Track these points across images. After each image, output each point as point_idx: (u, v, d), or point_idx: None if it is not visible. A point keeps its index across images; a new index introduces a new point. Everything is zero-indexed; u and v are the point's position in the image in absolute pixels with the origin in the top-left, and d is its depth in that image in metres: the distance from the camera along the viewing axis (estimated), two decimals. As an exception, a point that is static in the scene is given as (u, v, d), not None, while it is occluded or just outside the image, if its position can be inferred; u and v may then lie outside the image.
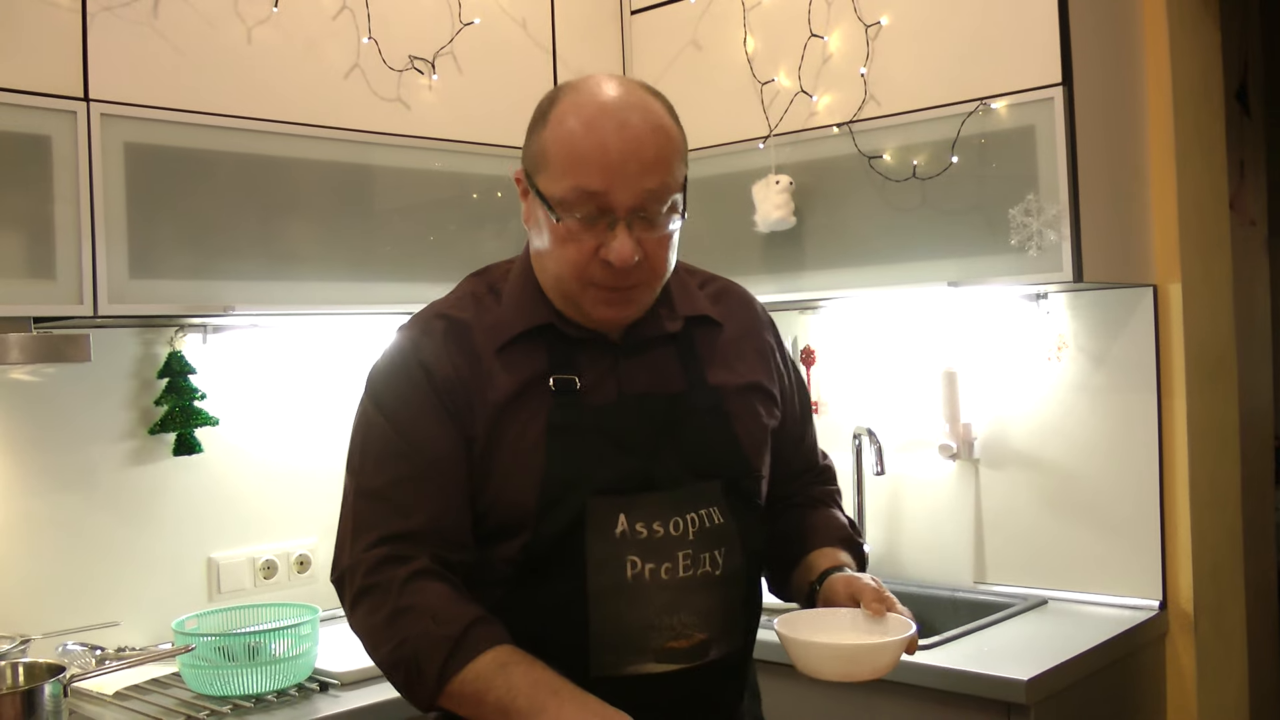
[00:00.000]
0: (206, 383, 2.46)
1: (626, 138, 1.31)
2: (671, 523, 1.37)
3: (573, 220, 1.32)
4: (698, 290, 1.53)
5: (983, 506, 2.73)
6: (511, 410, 1.37)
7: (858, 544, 1.55)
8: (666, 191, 1.34)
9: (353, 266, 2.37)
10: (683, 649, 1.36)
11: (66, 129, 2.00)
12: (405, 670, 1.29)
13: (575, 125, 1.32)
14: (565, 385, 1.38)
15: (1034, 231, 2.27)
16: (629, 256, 1.31)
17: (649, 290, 1.40)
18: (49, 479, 2.29)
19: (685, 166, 1.41)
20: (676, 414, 1.41)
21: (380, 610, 1.31)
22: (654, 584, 1.35)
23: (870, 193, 2.50)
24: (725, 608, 1.40)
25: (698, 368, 1.46)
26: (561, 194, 1.32)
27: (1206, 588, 2.52)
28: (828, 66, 2.56)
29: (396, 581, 1.30)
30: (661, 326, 1.45)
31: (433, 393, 1.37)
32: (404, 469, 1.36)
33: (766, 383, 1.52)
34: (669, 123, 1.37)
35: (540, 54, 2.72)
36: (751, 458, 1.45)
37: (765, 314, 1.60)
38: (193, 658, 2.05)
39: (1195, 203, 2.58)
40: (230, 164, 2.21)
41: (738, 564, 1.42)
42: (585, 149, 1.31)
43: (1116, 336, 2.54)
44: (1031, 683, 2.04)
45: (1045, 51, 2.26)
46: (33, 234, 1.97)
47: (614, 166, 1.30)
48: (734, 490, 1.43)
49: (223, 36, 2.21)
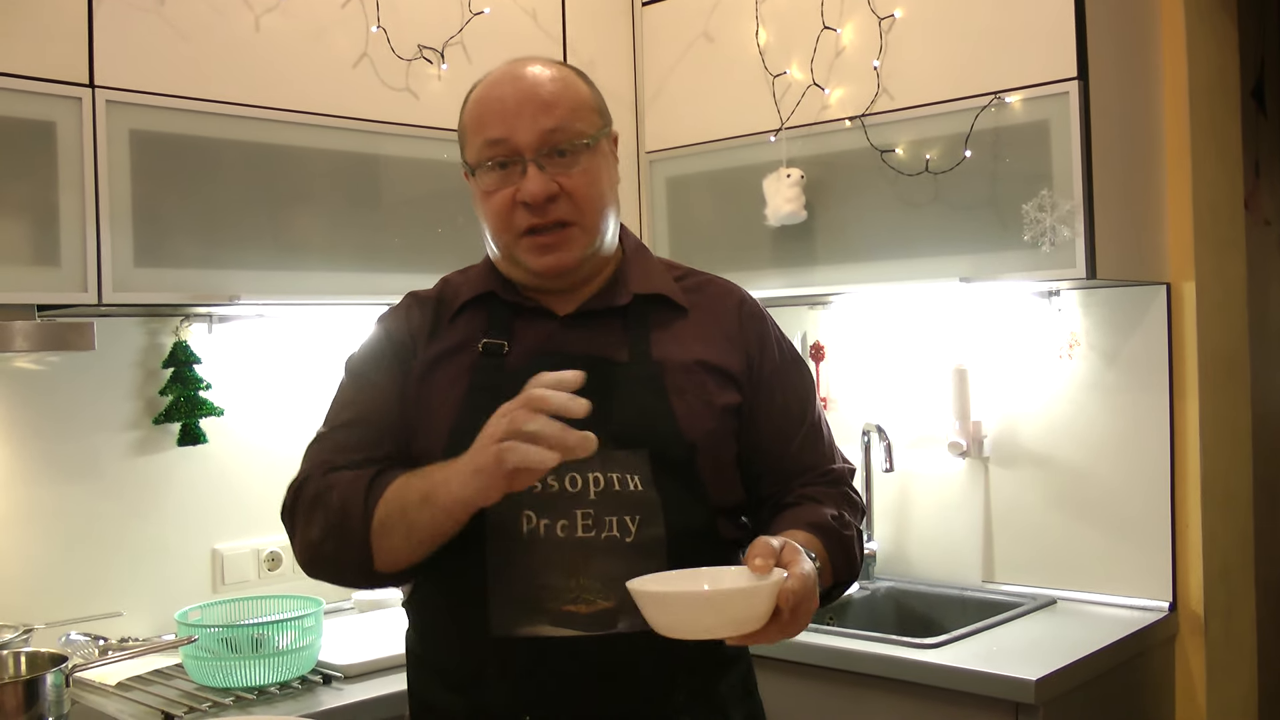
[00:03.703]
0: (212, 373, 2.44)
1: (521, 87, 1.42)
2: (568, 478, 1.36)
3: (485, 171, 1.41)
4: (670, 280, 1.52)
5: (992, 505, 2.71)
6: (438, 367, 1.46)
7: (839, 534, 1.42)
8: (571, 130, 1.41)
9: (359, 257, 2.35)
10: (582, 614, 1.34)
11: (72, 115, 1.99)
12: (338, 529, 1.35)
13: (480, 92, 1.46)
14: (493, 349, 1.45)
15: (1047, 227, 2.25)
16: (539, 190, 1.38)
17: (581, 231, 1.43)
18: (53, 468, 2.28)
19: (602, 119, 1.47)
20: (606, 380, 1.39)
21: (306, 501, 1.40)
22: (549, 540, 1.35)
23: (882, 187, 2.48)
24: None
25: (644, 342, 1.45)
26: (476, 154, 1.43)
27: (1217, 589, 2.50)
28: (840, 59, 2.54)
29: (314, 480, 1.41)
30: (608, 300, 1.48)
31: (389, 350, 1.49)
32: (347, 415, 1.47)
33: (725, 365, 1.47)
34: (571, 76, 1.46)
35: (551, 45, 2.70)
36: (685, 431, 1.41)
37: (753, 308, 1.55)
38: (196, 649, 2.04)
39: (1210, 201, 2.55)
40: (237, 152, 2.19)
41: (656, 534, 1.37)
42: (486, 106, 1.43)
43: (1129, 335, 2.51)
44: (1040, 683, 2.03)
45: (1060, 46, 2.24)
46: (37, 221, 1.96)
47: (510, 112, 1.40)
48: (661, 460, 1.39)
49: (230, 24, 2.19)
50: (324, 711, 1.96)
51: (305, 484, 1.42)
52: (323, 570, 1.41)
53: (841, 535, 1.43)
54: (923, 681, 2.14)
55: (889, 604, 2.78)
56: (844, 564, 1.43)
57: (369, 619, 2.49)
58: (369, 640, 2.26)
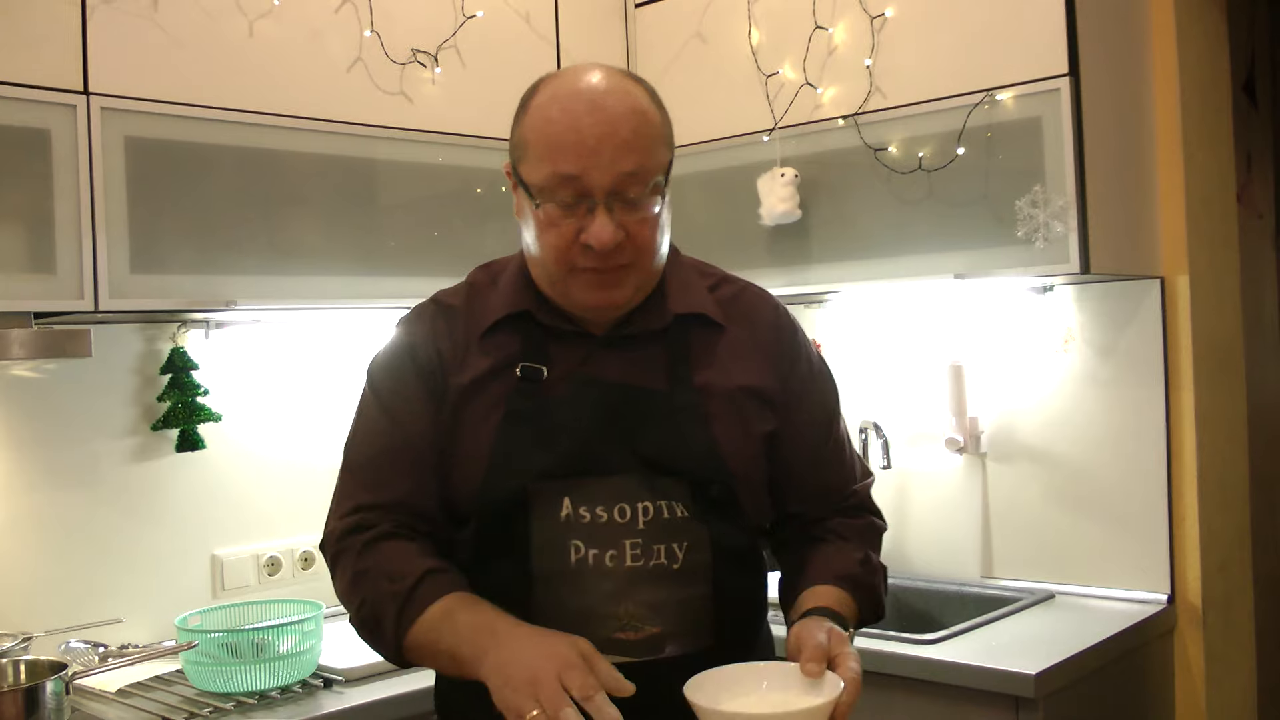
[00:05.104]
0: (209, 378, 2.44)
1: (600, 120, 1.32)
2: (617, 509, 1.36)
3: (552, 206, 1.34)
4: (705, 291, 1.49)
5: (990, 500, 2.72)
6: (474, 395, 1.41)
7: (866, 582, 1.46)
8: (645, 173, 1.34)
9: (356, 261, 2.35)
10: (631, 641, 1.34)
11: (66, 123, 1.99)
12: (369, 630, 1.35)
13: (551, 112, 1.35)
14: (531, 374, 1.40)
15: (1040, 223, 2.26)
16: (608, 239, 1.32)
17: (639, 272, 1.38)
18: (51, 475, 2.28)
19: (669, 150, 1.41)
20: (647, 409, 1.39)
21: (346, 575, 1.38)
22: (598, 571, 1.35)
23: (876, 185, 2.49)
24: (683, 603, 1.37)
25: (684, 367, 1.43)
26: (540, 180, 1.34)
27: (1214, 581, 2.51)
28: (833, 58, 2.55)
29: (357, 545, 1.37)
30: (647, 323, 1.44)
31: (415, 373, 1.43)
32: (380, 444, 1.42)
33: (762, 386, 1.46)
34: (647, 105, 1.38)
35: (544, 47, 2.70)
36: (729, 461, 1.40)
37: (786, 320, 1.54)
38: (196, 654, 2.04)
39: (1203, 195, 2.56)
40: (232, 158, 2.19)
41: (702, 560, 1.38)
42: (560, 134, 1.33)
43: (1124, 329, 2.52)
44: (1040, 677, 2.03)
45: (1052, 42, 2.25)
46: (33, 228, 1.96)
47: (588, 150, 1.31)
48: (703, 489, 1.39)
49: (224, 29, 2.19)
50: (325, 715, 1.96)
51: (347, 541, 1.39)
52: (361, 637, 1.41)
53: (870, 583, 1.47)
54: (922, 677, 2.14)
55: (888, 600, 2.77)
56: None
57: (369, 622, 2.49)
58: (369, 643, 2.27)
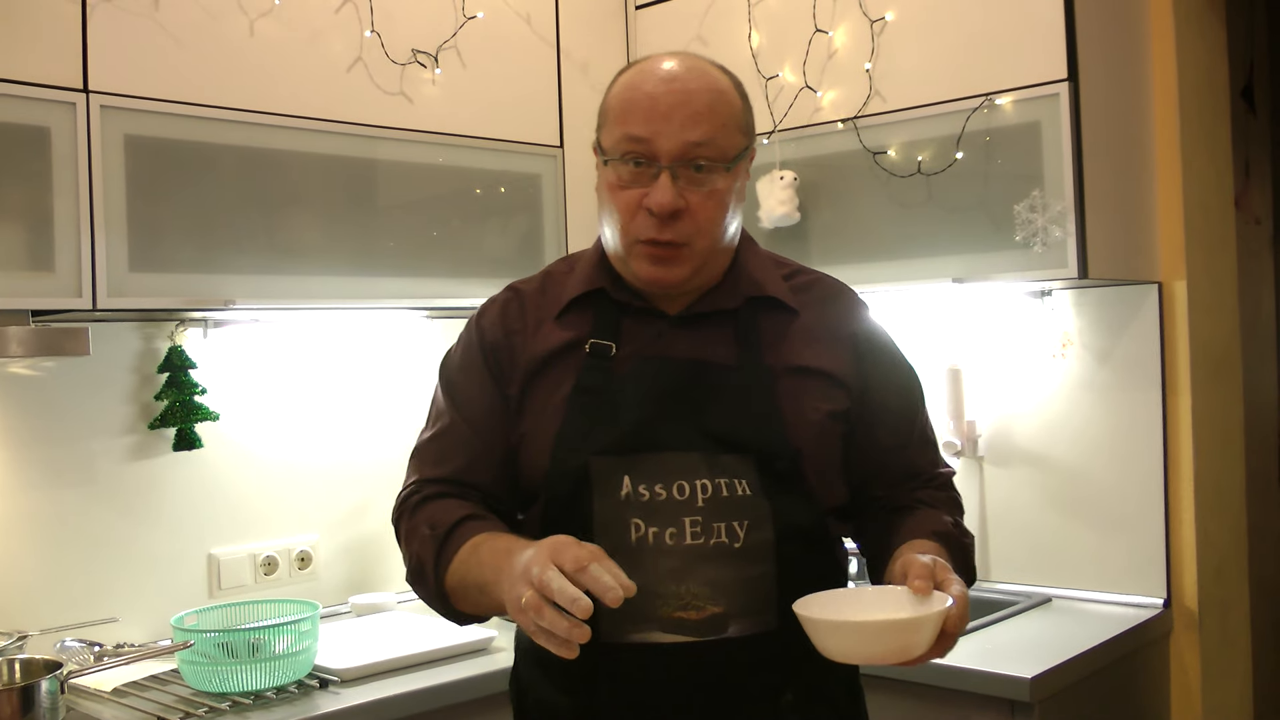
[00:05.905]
0: (207, 378, 2.44)
1: (675, 89, 1.37)
2: (675, 486, 1.36)
3: (620, 165, 1.38)
4: (780, 278, 1.51)
5: (987, 504, 2.72)
6: (545, 371, 1.44)
7: (959, 541, 1.45)
8: (713, 147, 1.36)
9: (355, 261, 2.35)
10: (692, 620, 1.34)
11: (66, 121, 1.99)
12: (417, 579, 1.41)
13: (634, 79, 1.41)
14: (600, 350, 1.43)
15: (1039, 228, 2.26)
16: (667, 203, 1.35)
17: (696, 251, 1.39)
18: (48, 474, 2.28)
19: (745, 139, 1.43)
20: (714, 384, 1.40)
21: (401, 536, 1.46)
22: (658, 549, 1.34)
23: (875, 189, 2.49)
24: (746, 582, 1.35)
25: (754, 345, 1.44)
26: (613, 143, 1.40)
27: (1211, 585, 2.51)
28: (832, 62, 2.55)
29: (410, 508, 1.45)
30: (719, 303, 1.46)
31: (480, 356, 1.48)
32: (444, 423, 1.49)
33: (833, 369, 1.46)
34: (727, 87, 1.41)
35: (544, 48, 2.71)
36: (791, 437, 1.40)
37: (863, 310, 1.55)
38: (192, 654, 2.03)
39: (1200, 200, 2.57)
40: (231, 157, 2.19)
41: (765, 539, 1.37)
42: (635, 99, 1.38)
43: (1121, 334, 2.53)
44: (1036, 680, 2.03)
45: (1051, 47, 2.25)
46: (32, 226, 1.96)
47: (660, 114, 1.35)
48: (768, 466, 1.39)
49: (224, 29, 2.19)
50: (321, 716, 1.96)
51: (404, 506, 1.47)
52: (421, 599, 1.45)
53: (962, 543, 1.47)
54: (918, 680, 2.14)
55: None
56: (964, 572, 1.43)
57: (366, 623, 2.49)
58: (366, 644, 2.26)
